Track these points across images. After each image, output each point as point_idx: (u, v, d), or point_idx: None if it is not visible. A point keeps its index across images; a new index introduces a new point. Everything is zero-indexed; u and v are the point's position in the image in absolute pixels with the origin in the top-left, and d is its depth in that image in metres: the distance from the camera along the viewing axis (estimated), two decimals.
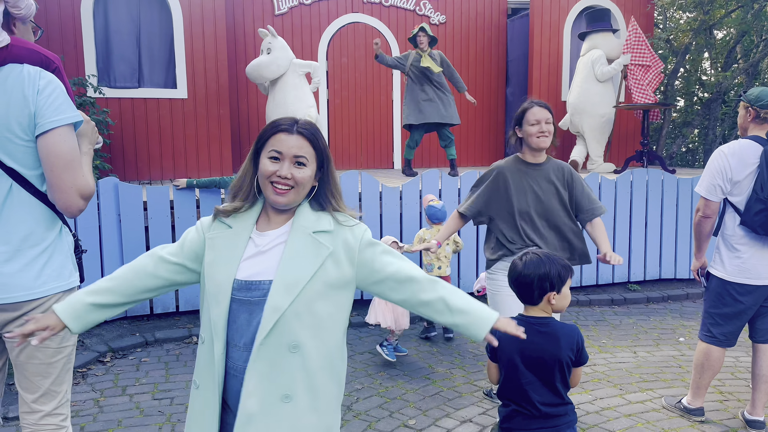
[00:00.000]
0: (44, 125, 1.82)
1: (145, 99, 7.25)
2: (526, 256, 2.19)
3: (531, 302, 2.16)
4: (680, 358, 4.42)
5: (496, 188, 3.17)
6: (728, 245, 3.21)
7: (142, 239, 4.92)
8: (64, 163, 1.84)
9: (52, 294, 1.93)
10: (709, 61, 11.67)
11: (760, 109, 3.15)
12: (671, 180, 6.21)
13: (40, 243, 1.91)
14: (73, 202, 1.88)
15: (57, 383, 2.01)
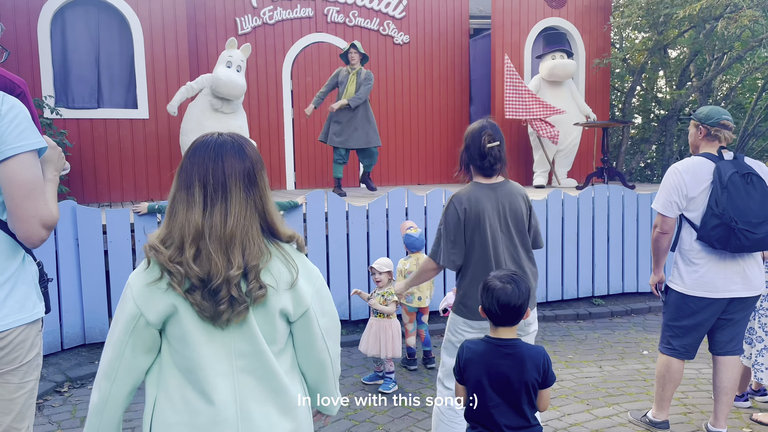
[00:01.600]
0: (5, 152, 1.75)
1: (104, 119, 7.12)
2: (508, 280, 2.15)
3: (510, 324, 2.16)
4: (644, 372, 4.48)
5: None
6: (686, 259, 3.28)
7: (102, 264, 4.78)
8: (25, 191, 1.77)
9: (15, 327, 1.84)
10: (664, 80, 12.06)
11: (710, 127, 3.25)
12: (631, 195, 6.35)
13: (2, 273, 1.83)
14: (34, 231, 1.80)
15: (18, 419, 1.91)
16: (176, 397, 1.49)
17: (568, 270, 6.14)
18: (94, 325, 4.80)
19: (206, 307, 1.45)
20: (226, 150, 1.51)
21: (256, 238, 1.49)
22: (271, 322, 1.52)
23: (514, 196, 2.84)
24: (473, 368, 2.13)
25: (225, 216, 1.46)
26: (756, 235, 3.02)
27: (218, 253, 1.44)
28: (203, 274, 1.43)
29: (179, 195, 1.49)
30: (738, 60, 9.97)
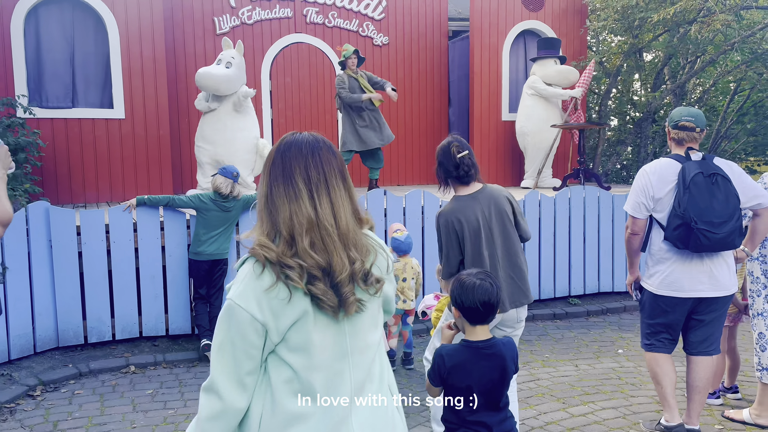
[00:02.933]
0: None
1: (79, 119, 7.02)
2: (484, 277, 2.20)
3: (487, 322, 2.20)
4: (619, 370, 4.54)
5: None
6: (655, 260, 3.33)
7: (75, 266, 4.72)
8: None
9: None
10: (640, 82, 12.24)
11: (671, 129, 3.31)
12: (607, 196, 6.44)
13: None
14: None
15: None
16: (287, 403, 1.42)
17: (545, 270, 6.20)
18: (68, 328, 4.73)
19: (330, 296, 1.39)
20: (320, 145, 1.49)
21: (359, 233, 1.49)
22: (378, 311, 1.55)
23: (496, 199, 2.97)
24: (460, 375, 2.16)
25: (332, 210, 1.43)
26: (717, 234, 3.05)
27: (338, 245, 1.41)
28: (324, 263, 1.39)
29: (277, 189, 1.43)
30: (711, 63, 10.16)
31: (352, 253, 1.43)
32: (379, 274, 1.51)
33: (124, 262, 4.86)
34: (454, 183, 3.01)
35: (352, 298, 1.42)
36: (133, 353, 4.82)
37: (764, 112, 10.85)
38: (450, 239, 2.93)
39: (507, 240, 2.97)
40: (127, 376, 4.48)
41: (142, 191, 7.23)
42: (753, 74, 9.88)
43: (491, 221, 2.92)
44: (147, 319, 4.96)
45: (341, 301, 1.41)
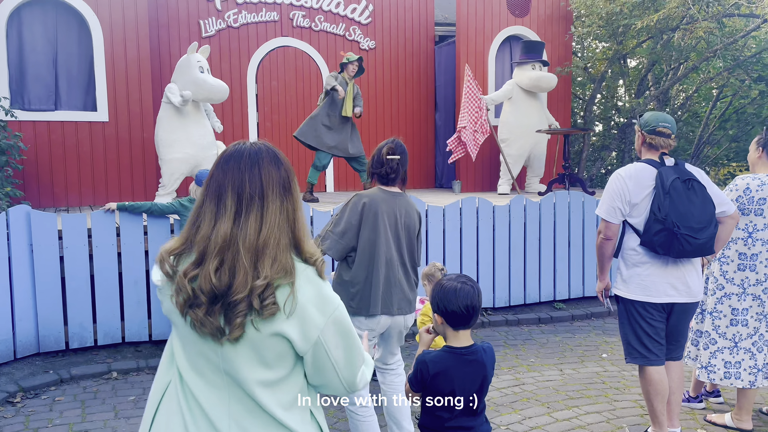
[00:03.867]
0: None
1: (62, 122, 6.95)
2: (465, 280, 2.19)
3: (469, 326, 2.19)
4: (603, 374, 4.57)
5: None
6: (628, 265, 3.29)
7: (57, 271, 4.66)
8: None
9: None
10: (624, 88, 12.36)
11: (647, 135, 3.30)
12: (591, 201, 6.48)
13: None
14: None
15: None
16: (180, 392, 1.46)
17: (531, 275, 6.23)
18: (49, 333, 4.67)
19: (209, 323, 1.37)
20: (262, 158, 1.45)
21: (284, 252, 1.41)
22: (270, 346, 1.40)
23: (410, 208, 3.19)
24: (443, 381, 2.15)
25: (260, 225, 1.39)
26: (698, 240, 3.07)
27: (247, 263, 1.37)
28: (222, 287, 1.36)
29: (207, 206, 1.42)
30: (693, 70, 10.29)
31: (262, 269, 1.37)
32: (280, 300, 1.38)
33: (106, 266, 4.80)
34: (377, 179, 3.19)
35: (239, 321, 1.36)
36: (115, 359, 4.76)
37: (746, 119, 11.01)
38: (354, 220, 3.05)
39: (410, 248, 3.17)
40: (109, 382, 4.42)
41: (125, 195, 7.16)
42: (735, 81, 10.03)
43: (397, 224, 3.11)
44: (130, 325, 4.90)
45: (228, 322, 1.37)
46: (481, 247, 5.97)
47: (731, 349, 3.56)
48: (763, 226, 3.51)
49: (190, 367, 1.46)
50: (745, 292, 3.54)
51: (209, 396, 1.44)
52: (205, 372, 1.44)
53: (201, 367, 1.45)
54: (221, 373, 1.43)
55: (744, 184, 3.55)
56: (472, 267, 5.94)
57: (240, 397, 1.43)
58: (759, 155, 3.62)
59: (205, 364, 1.44)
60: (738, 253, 3.55)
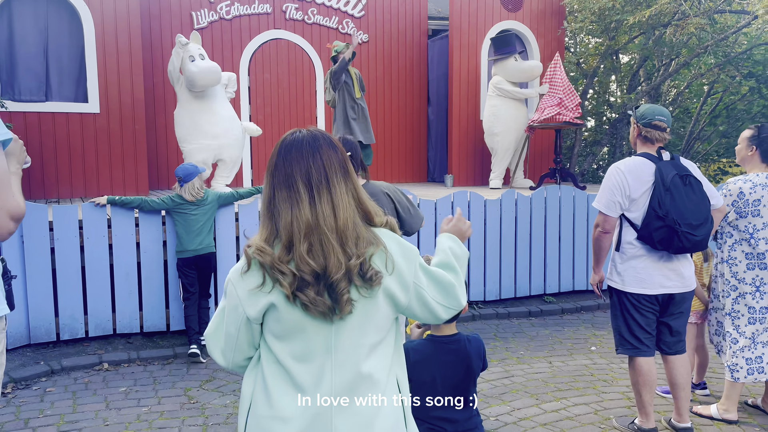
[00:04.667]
0: None
1: (53, 113, 6.91)
2: None
3: (453, 320, 2.20)
4: (592, 367, 4.62)
5: None
6: (623, 258, 3.32)
7: (48, 262, 4.65)
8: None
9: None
10: (616, 84, 12.41)
11: (643, 127, 3.31)
12: (582, 196, 6.52)
13: None
14: (3, 224, 1.76)
15: None
16: (273, 392, 1.49)
17: (521, 268, 6.27)
18: (40, 325, 4.66)
19: (320, 302, 1.43)
20: (320, 143, 1.52)
21: (361, 228, 1.49)
22: (376, 311, 1.50)
23: (375, 196, 3.13)
24: (423, 369, 2.18)
25: (333, 209, 1.46)
26: (696, 237, 3.10)
27: (335, 245, 1.43)
28: (319, 267, 1.42)
29: (279, 194, 1.48)
30: (685, 66, 10.34)
31: (350, 250, 1.45)
32: (379, 268, 1.48)
33: (97, 258, 4.80)
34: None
35: (345, 297, 1.44)
36: (106, 350, 4.77)
37: (736, 115, 11.09)
38: None
39: None
40: (100, 373, 4.43)
41: (117, 187, 7.14)
42: (725, 77, 10.09)
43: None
44: (121, 316, 4.90)
45: (335, 301, 1.44)
46: (472, 240, 6.00)
47: (750, 347, 3.59)
48: (762, 226, 3.54)
49: (294, 359, 1.49)
50: (758, 290, 3.56)
51: (315, 380, 1.48)
52: (311, 357, 1.49)
53: (306, 354, 1.49)
54: (329, 352, 1.48)
55: (737, 188, 3.57)
56: None
57: (344, 372, 1.49)
58: (751, 153, 3.63)
59: (311, 349, 1.48)
60: (744, 254, 3.58)
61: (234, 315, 1.52)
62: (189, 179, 4.68)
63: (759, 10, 8.35)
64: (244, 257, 1.49)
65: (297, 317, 1.46)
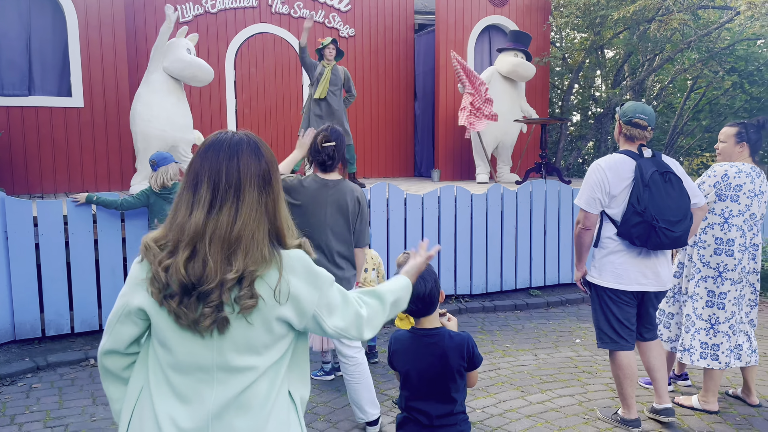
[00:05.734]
0: None
1: (36, 108, 6.84)
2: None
3: (429, 313, 2.21)
4: (576, 359, 4.68)
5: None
6: (603, 253, 3.37)
7: (32, 258, 4.62)
8: None
9: None
10: (601, 79, 12.50)
11: (624, 125, 3.36)
12: (567, 190, 6.58)
13: None
14: None
15: None
16: (156, 399, 1.45)
17: (507, 262, 6.32)
18: (25, 320, 4.63)
19: (183, 314, 1.38)
20: (242, 149, 1.44)
21: (260, 242, 1.40)
22: (266, 332, 1.43)
23: (344, 194, 3.29)
24: (400, 359, 2.21)
25: (234, 217, 1.38)
26: (674, 233, 3.15)
27: (218, 255, 1.37)
28: (193, 278, 1.36)
29: (184, 195, 1.43)
30: (669, 61, 10.44)
31: (235, 261, 1.37)
32: (263, 292, 1.40)
33: (83, 253, 4.77)
34: (315, 166, 3.33)
35: (209, 310, 1.36)
36: (92, 346, 4.74)
37: (719, 110, 11.21)
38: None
39: (338, 232, 3.27)
40: (86, 369, 4.41)
41: (101, 181, 7.09)
42: (708, 72, 10.19)
43: (332, 210, 3.24)
44: (107, 312, 4.88)
45: (199, 313, 1.37)
46: (459, 235, 6.04)
47: (707, 330, 3.65)
48: (738, 212, 3.61)
49: (173, 369, 1.45)
50: (721, 276, 3.62)
51: (193, 394, 1.44)
52: (192, 371, 1.44)
53: (187, 366, 1.44)
54: (212, 369, 1.43)
55: (722, 170, 3.63)
56: (449, 255, 6.01)
57: (226, 391, 1.44)
58: (741, 149, 3.67)
59: (193, 362, 1.43)
60: (714, 238, 3.65)
61: (120, 301, 1.49)
62: (164, 164, 4.60)
63: (741, 5, 8.45)
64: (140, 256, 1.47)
65: (169, 325, 1.42)
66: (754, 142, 3.65)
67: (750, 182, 3.59)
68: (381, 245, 5.67)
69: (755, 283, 3.74)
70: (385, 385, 4.14)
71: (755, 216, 3.65)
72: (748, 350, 3.70)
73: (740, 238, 3.61)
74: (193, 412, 1.43)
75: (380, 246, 5.66)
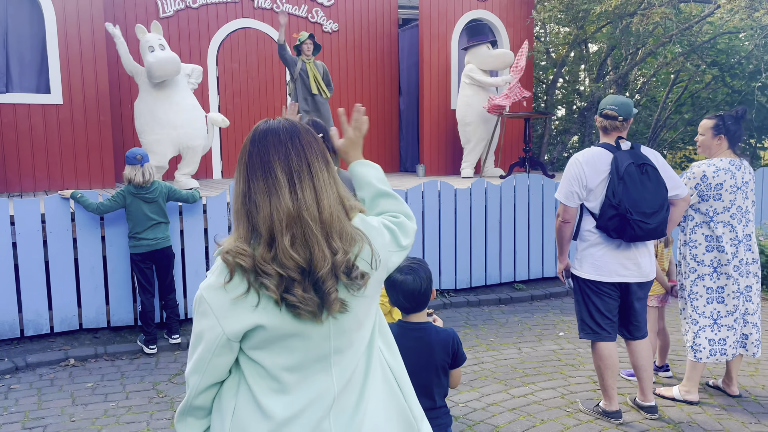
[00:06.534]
0: None
1: (14, 105, 6.73)
2: (408, 271, 2.21)
3: (419, 310, 2.22)
4: (560, 352, 4.70)
5: None
6: (584, 246, 3.41)
7: (10, 256, 4.55)
8: None
9: None
10: (585, 73, 12.54)
11: (598, 117, 3.40)
12: (550, 184, 6.60)
13: None
14: None
15: None
16: (264, 404, 1.36)
17: (492, 256, 6.33)
18: (3, 321, 4.57)
19: (309, 301, 1.30)
20: (299, 129, 1.39)
21: (345, 221, 1.36)
22: (368, 305, 1.43)
23: (345, 182, 3.22)
24: None
25: (317, 197, 1.33)
26: (649, 225, 3.18)
27: (319, 237, 1.30)
28: (304, 261, 1.29)
29: (256, 186, 1.32)
30: (651, 55, 10.49)
31: (335, 244, 1.32)
32: (365, 268, 1.37)
33: (61, 252, 4.71)
34: None
35: (333, 296, 1.32)
36: (72, 346, 4.69)
37: (700, 103, 11.29)
38: None
39: None
40: (66, 369, 4.36)
41: (82, 179, 7.00)
42: (690, 66, 10.26)
43: None
44: (87, 311, 4.83)
45: (323, 299, 1.32)
46: (443, 229, 6.04)
47: (712, 327, 3.68)
48: (722, 209, 3.63)
49: (287, 371, 1.37)
50: (716, 271, 3.65)
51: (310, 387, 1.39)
52: (309, 364, 1.38)
53: (306, 361, 1.38)
54: (330, 355, 1.39)
55: (701, 171, 3.65)
56: (434, 249, 6.01)
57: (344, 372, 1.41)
58: (719, 142, 3.69)
59: (312, 355, 1.38)
60: (704, 236, 3.67)
61: (210, 336, 1.33)
62: (145, 160, 4.54)
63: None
64: (223, 266, 1.32)
65: (287, 327, 1.33)
66: (733, 134, 3.67)
67: (730, 177, 3.61)
68: None
69: (757, 272, 3.77)
70: None
71: (742, 209, 3.67)
72: (755, 341, 3.73)
73: (730, 233, 3.64)
74: (313, 406, 1.37)
75: None
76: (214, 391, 1.43)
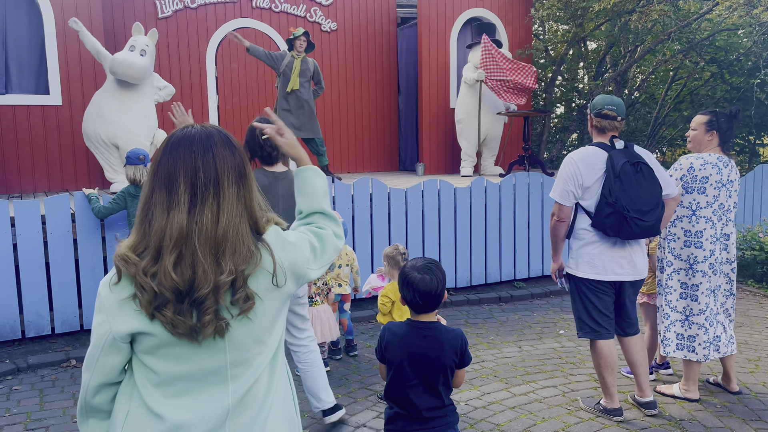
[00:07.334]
0: None
1: (13, 106, 6.73)
2: (425, 270, 2.21)
3: (431, 311, 2.23)
4: (560, 350, 4.71)
5: None
6: (579, 244, 3.41)
7: (10, 258, 4.55)
8: None
9: None
10: (584, 70, 12.55)
11: (594, 117, 3.40)
12: (549, 182, 6.61)
13: None
14: None
15: None
16: (155, 409, 1.36)
17: (491, 254, 6.34)
18: (5, 322, 4.57)
19: (180, 323, 1.30)
20: (215, 142, 1.35)
21: (246, 239, 1.34)
22: (270, 317, 1.41)
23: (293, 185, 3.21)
24: (394, 349, 2.21)
25: (217, 215, 1.31)
26: (645, 222, 3.20)
27: (207, 257, 1.29)
28: (184, 283, 1.28)
29: (157, 196, 1.32)
30: (650, 52, 10.50)
31: (224, 263, 1.31)
32: (263, 285, 1.37)
33: (62, 253, 4.71)
34: (260, 161, 3.27)
35: (209, 317, 1.30)
36: (74, 347, 4.69)
37: (699, 100, 11.30)
38: None
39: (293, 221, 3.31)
40: (67, 370, 4.36)
41: (81, 180, 7.01)
42: (689, 63, 10.27)
43: (279, 205, 3.20)
44: (88, 312, 4.83)
45: (198, 322, 1.30)
46: (442, 228, 6.05)
47: (683, 322, 3.69)
48: (705, 204, 3.64)
49: (180, 379, 1.37)
50: (692, 268, 3.66)
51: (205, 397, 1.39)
52: (204, 376, 1.38)
53: (199, 372, 1.37)
54: (225, 368, 1.38)
55: (688, 163, 3.66)
56: (434, 248, 6.02)
57: (242, 384, 1.40)
58: (710, 138, 3.70)
59: (205, 367, 1.37)
60: (683, 231, 3.68)
61: (99, 333, 1.35)
62: (146, 162, 4.54)
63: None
64: (114, 267, 1.34)
65: (174, 338, 1.33)
66: (725, 132, 3.68)
67: (717, 173, 3.62)
68: (365, 239, 5.66)
69: (729, 273, 3.78)
70: (370, 380, 4.14)
71: (724, 206, 3.67)
72: (725, 341, 3.74)
73: (710, 229, 3.64)
74: (205, 415, 1.38)
75: (364, 240, 5.65)
76: (110, 392, 1.44)
